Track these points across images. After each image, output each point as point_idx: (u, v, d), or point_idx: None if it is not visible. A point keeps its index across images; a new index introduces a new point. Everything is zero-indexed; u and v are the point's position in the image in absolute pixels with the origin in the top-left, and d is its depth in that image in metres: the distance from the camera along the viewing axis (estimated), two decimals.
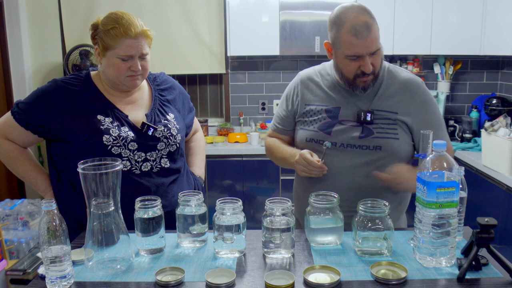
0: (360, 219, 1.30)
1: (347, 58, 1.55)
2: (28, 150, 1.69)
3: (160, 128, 1.65)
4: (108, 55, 1.55)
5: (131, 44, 1.53)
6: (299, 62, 3.93)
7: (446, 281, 1.16)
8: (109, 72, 1.58)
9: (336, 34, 1.56)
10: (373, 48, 1.52)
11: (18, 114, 1.58)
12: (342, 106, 1.65)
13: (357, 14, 1.52)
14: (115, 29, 1.52)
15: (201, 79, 4.11)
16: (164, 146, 1.65)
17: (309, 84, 1.73)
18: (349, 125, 1.62)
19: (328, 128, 1.63)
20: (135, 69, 1.56)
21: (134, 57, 1.55)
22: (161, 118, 1.68)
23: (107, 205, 1.23)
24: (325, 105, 1.67)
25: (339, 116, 1.64)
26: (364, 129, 1.60)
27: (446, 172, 1.19)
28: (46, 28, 3.81)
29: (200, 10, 3.80)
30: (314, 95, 1.70)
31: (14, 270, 2.33)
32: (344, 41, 1.53)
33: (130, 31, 1.52)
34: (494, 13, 3.33)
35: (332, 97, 1.67)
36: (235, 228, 1.31)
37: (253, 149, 3.50)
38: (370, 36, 1.50)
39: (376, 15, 1.59)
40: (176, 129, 1.69)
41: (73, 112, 1.57)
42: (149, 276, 1.21)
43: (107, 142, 1.55)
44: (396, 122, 1.61)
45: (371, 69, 1.54)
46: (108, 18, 1.56)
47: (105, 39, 1.53)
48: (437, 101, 3.65)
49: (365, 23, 1.51)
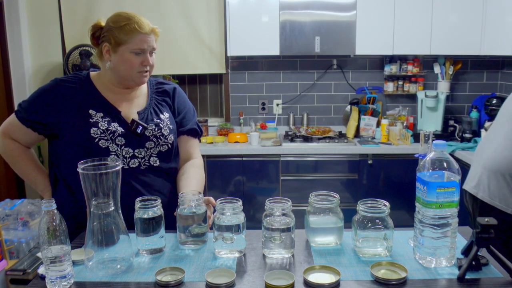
0: (360, 219, 1.30)
1: None
2: (30, 150, 1.74)
3: (151, 127, 1.65)
4: (120, 51, 1.59)
5: (144, 39, 1.59)
6: (299, 62, 3.94)
7: (446, 281, 1.16)
8: (120, 67, 1.61)
9: None
10: None
11: (20, 113, 1.64)
12: None
13: None
14: (129, 25, 1.57)
15: (201, 79, 4.11)
16: (154, 145, 1.65)
17: None
18: None
19: None
20: (146, 63, 1.61)
21: (146, 52, 1.61)
22: (154, 117, 1.69)
23: (107, 205, 1.23)
24: None
25: None
26: None
27: (446, 172, 1.19)
28: (46, 28, 3.81)
29: (200, 10, 3.80)
30: None
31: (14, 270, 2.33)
32: None
33: (144, 26, 1.59)
34: (494, 13, 3.33)
35: None
36: (235, 228, 1.31)
37: (253, 149, 3.50)
38: None
39: (376, 15, 1.59)
40: (168, 129, 1.69)
41: (68, 108, 1.60)
42: (149, 276, 1.21)
43: (94, 135, 1.57)
44: None
45: None
46: (118, 16, 1.60)
47: (119, 35, 1.57)
48: (437, 101, 3.66)
49: None
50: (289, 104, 4.01)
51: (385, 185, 3.49)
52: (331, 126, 4.01)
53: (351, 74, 3.99)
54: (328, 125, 4.04)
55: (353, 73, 3.98)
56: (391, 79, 3.87)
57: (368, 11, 3.46)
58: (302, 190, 3.44)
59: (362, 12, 3.46)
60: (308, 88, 3.98)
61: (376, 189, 3.48)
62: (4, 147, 1.69)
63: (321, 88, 4.00)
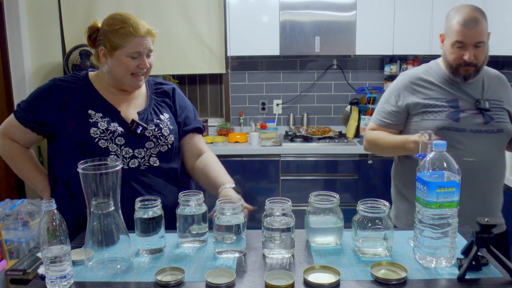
0: (360, 219, 1.30)
1: (454, 45, 1.76)
2: (29, 150, 1.74)
3: (151, 127, 1.65)
4: (116, 55, 1.57)
5: (140, 42, 1.57)
6: (299, 62, 3.94)
7: (446, 281, 1.16)
8: (116, 71, 1.60)
9: (448, 24, 1.80)
10: (477, 39, 1.73)
11: (18, 113, 1.64)
12: (458, 98, 1.83)
13: (470, 10, 1.75)
14: (124, 28, 1.55)
15: (201, 79, 4.11)
16: (153, 146, 1.64)
17: (420, 82, 1.89)
18: (470, 113, 1.80)
19: (455, 116, 1.80)
20: (143, 66, 1.60)
21: (142, 55, 1.59)
22: (154, 117, 1.69)
23: (107, 205, 1.23)
24: (443, 98, 1.84)
25: (459, 106, 1.82)
26: (485, 116, 1.80)
27: (446, 172, 1.19)
28: (46, 28, 3.80)
29: (200, 10, 3.80)
30: (430, 90, 1.87)
31: (14, 270, 2.33)
32: (453, 30, 1.76)
33: (139, 29, 1.56)
34: (494, 13, 3.33)
35: (447, 90, 1.85)
36: (235, 228, 1.31)
37: (253, 149, 3.50)
38: (476, 28, 1.72)
39: (376, 15, 1.62)
40: (168, 130, 1.69)
41: (66, 109, 1.60)
42: (149, 276, 1.21)
43: (94, 135, 1.56)
44: (503, 110, 1.84)
45: (472, 59, 1.74)
46: (113, 19, 1.58)
47: (114, 39, 1.56)
48: None
49: (474, 17, 1.73)
50: (289, 104, 4.01)
51: (385, 185, 3.49)
52: (331, 126, 4.01)
53: (351, 74, 3.99)
54: (328, 125, 4.04)
55: (353, 73, 3.98)
56: (391, 79, 3.87)
57: (368, 11, 3.46)
58: (302, 190, 3.44)
59: (362, 12, 3.46)
60: (308, 88, 3.98)
61: (376, 189, 3.48)
62: (3, 148, 1.70)
63: (321, 88, 4.00)
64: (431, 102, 1.83)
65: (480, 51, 1.75)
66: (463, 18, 1.73)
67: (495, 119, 1.80)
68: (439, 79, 1.86)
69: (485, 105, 1.79)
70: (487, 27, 1.77)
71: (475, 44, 1.73)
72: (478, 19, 1.73)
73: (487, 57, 1.80)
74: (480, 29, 1.72)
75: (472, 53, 1.74)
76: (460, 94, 1.83)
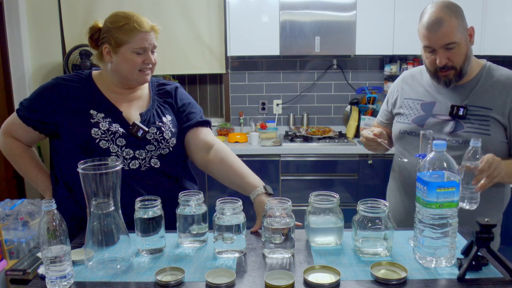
0: (360, 219, 1.30)
1: (425, 50, 1.67)
2: (32, 149, 1.74)
3: (153, 130, 1.64)
4: (121, 51, 1.58)
5: (145, 37, 1.58)
6: (299, 62, 3.94)
7: (446, 281, 1.16)
8: (122, 68, 1.60)
9: (418, 27, 1.68)
10: (444, 41, 1.60)
11: (21, 111, 1.64)
12: (437, 101, 1.74)
13: (435, 10, 1.62)
14: (128, 24, 1.56)
15: (201, 79, 4.11)
16: (154, 149, 1.64)
17: (410, 80, 1.85)
18: (441, 119, 1.70)
19: (421, 121, 1.73)
20: (148, 62, 1.61)
21: (147, 50, 1.60)
22: (156, 119, 1.68)
23: (107, 205, 1.23)
24: (421, 100, 1.78)
25: (433, 110, 1.73)
26: (456, 124, 1.67)
27: (446, 172, 1.19)
28: (46, 28, 3.81)
29: (200, 10, 3.80)
30: (413, 89, 1.82)
31: (14, 270, 2.33)
32: (420, 34, 1.67)
33: (143, 25, 1.58)
34: (494, 13, 3.33)
35: (429, 92, 1.77)
36: (235, 228, 1.31)
37: (253, 149, 3.50)
38: (441, 30, 1.59)
39: (376, 15, 1.61)
40: (170, 133, 1.67)
41: (69, 108, 1.60)
42: (149, 276, 1.21)
43: (95, 135, 1.56)
44: (489, 119, 1.64)
45: (444, 62, 1.62)
46: (116, 16, 1.60)
47: (118, 35, 1.57)
48: None
49: (438, 18, 1.59)
50: (289, 104, 4.01)
51: (385, 185, 3.49)
52: (331, 126, 4.01)
53: (351, 74, 3.99)
54: (328, 125, 4.04)
55: (353, 73, 3.99)
56: (391, 79, 3.87)
57: (368, 11, 3.46)
58: (302, 190, 3.44)
59: (362, 12, 3.46)
60: (308, 88, 3.98)
61: (376, 189, 3.48)
62: (5, 146, 1.70)
63: (321, 88, 4.00)
64: (406, 102, 1.80)
65: (455, 52, 1.61)
66: (426, 21, 1.61)
67: (465, 128, 1.64)
68: (426, 80, 1.78)
69: (459, 112, 1.65)
70: (462, 24, 1.62)
71: (445, 47, 1.60)
72: (443, 19, 1.58)
73: (469, 56, 1.66)
74: (446, 30, 1.58)
75: (444, 56, 1.61)
76: (441, 98, 1.72)
